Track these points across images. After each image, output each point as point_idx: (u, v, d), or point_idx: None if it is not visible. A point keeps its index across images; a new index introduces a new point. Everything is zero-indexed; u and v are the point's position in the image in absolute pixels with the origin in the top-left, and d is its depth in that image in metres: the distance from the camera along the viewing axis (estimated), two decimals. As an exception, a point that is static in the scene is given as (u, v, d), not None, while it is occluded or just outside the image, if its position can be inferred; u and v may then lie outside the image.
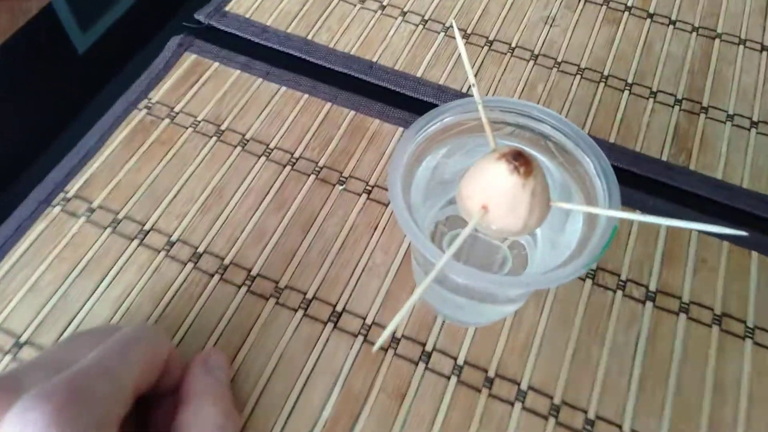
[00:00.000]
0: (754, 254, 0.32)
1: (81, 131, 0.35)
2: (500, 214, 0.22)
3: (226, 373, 0.26)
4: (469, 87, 0.38)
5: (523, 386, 0.28)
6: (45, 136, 0.36)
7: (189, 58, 0.39)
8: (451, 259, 0.20)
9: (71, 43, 0.42)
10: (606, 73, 0.39)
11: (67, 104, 0.38)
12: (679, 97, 0.38)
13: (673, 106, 0.38)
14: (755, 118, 0.38)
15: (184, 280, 0.31)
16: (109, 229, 0.32)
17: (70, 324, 0.29)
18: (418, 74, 0.39)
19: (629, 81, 0.39)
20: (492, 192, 0.21)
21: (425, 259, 0.22)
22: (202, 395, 0.23)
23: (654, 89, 0.39)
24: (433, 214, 0.28)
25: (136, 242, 0.31)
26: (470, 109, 0.25)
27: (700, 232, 0.33)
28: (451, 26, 0.41)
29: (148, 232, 0.32)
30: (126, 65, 0.39)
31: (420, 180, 0.25)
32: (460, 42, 0.23)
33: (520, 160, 0.21)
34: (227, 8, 0.41)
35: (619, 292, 0.31)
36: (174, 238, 0.32)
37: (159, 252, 0.31)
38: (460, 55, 0.39)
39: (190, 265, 0.31)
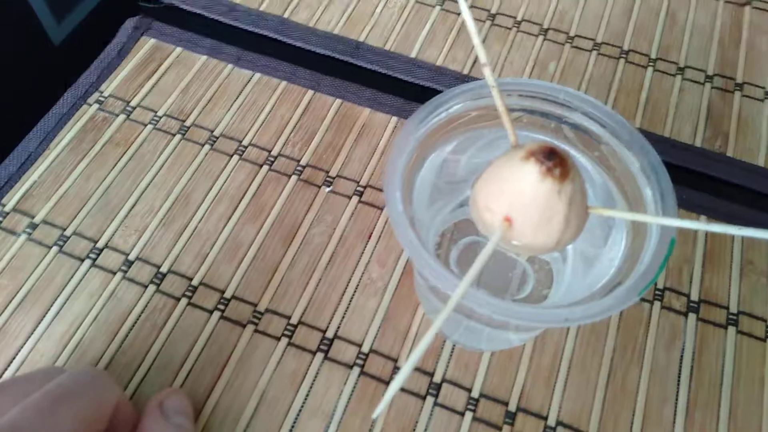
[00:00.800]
0: (808, 253, 0.28)
1: (23, 132, 0.30)
2: (528, 229, 0.17)
3: (188, 419, 0.22)
4: (472, 67, 0.34)
5: (551, 421, 0.24)
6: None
7: (147, 43, 0.33)
8: (472, 287, 0.16)
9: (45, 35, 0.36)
10: (626, 47, 0.35)
11: (8, 99, 0.33)
12: (710, 73, 0.34)
13: (703, 84, 0.33)
14: (796, 95, 0.33)
15: (145, 306, 0.26)
16: (54, 249, 0.27)
17: (8, 366, 0.24)
18: (412, 54, 0.34)
19: (652, 56, 0.34)
20: (518, 201, 0.17)
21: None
22: None
23: (681, 65, 0.34)
24: (440, 220, 0.23)
25: (87, 263, 0.27)
26: (482, 94, 0.20)
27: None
28: (448, -2, 0.36)
29: (102, 250, 0.27)
30: (76, 53, 0.34)
31: (423, 182, 0.20)
32: (465, 9, 0.18)
33: (554, 160, 0.16)
34: (191, -16, 0.36)
35: (657, 303, 0.27)
36: (132, 256, 0.27)
37: (115, 274, 0.26)
38: (459, 30, 0.35)
39: (152, 288, 0.26)
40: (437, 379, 0.25)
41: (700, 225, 0.16)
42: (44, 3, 0.37)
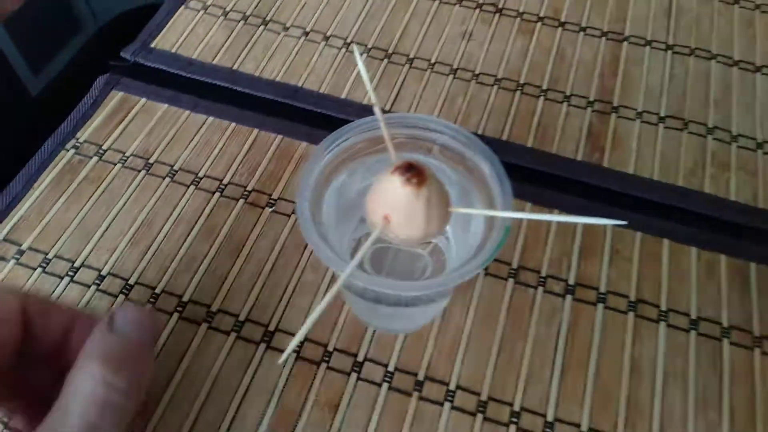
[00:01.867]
0: (666, 241, 0.34)
1: (8, 176, 0.36)
2: (401, 224, 0.23)
3: (142, 330, 0.21)
4: (393, 104, 0.40)
5: (452, 386, 0.29)
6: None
7: (116, 96, 0.39)
8: (358, 269, 0.22)
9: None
10: (522, 81, 0.41)
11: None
12: (591, 99, 0.41)
13: (585, 108, 0.40)
14: (662, 114, 0.40)
15: (117, 313, 0.31)
16: (39, 270, 0.32)
17: None
18: (343, 95, 0.40)
19: (544, 87, 0.41)
20: (391, 204, 0.23)
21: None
22: (92, 354, 0.19)
23: (567, 93, 0.41)
24: (349, 235, 0.29)
25: (66, 280, 0.32)
26: (373, 127, 0.27)
27: (615, 226, 0.35)
28: (354, 50, 0.43)
29: (79, 268, 0.32)
30: (54, 106, 0.39)
31: (330, 201, 0.26)
32: (361, 65, 0.24)
33: (412, 172, 0.22)
34: (153, 44, 0.42)
35: (540, 288, 0.32)
36: (104, 272, 0.32)
37: (89, 287, 0.32)
38: (382, 74, 0.41)
39: (121, 298, 0.31)
40: (360, 358, 0.30)
41: (524, 215, 0.22)
42: (22, 59, 0.43)
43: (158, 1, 0.45)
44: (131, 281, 0.32)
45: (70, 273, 0.32)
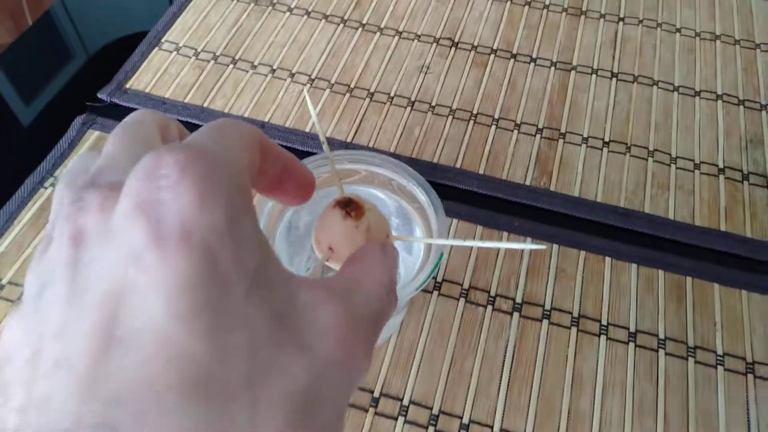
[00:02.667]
0: (608, 260, 0.37)
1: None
2: (343, 253, 0.25)
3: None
4: (354, 136, 0.42)
5: (405, 401, 0.31)
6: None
7: (93, 135, 0.42)
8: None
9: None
10: (475, 111, 0.44)
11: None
12: (540, 126, 0.43)
13: (534, 135, 0.43)
14: (606, 138, 0.43)
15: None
16: (17, 301, 0.34)
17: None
18: (307, 129, 0.43)
19: (496, 117, 0.44)
20: (333, 235, 0.25)
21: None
22: (375, 263, 0.19)
23: (518, 122, 0.43)
24: (304, 265, 0.31)
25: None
26: (322, 163, 0.29)
27: (559, 244, 0.37)
28: (305, 95, 0.45)
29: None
30: (34, 146, 0.42)
31: (282, 235, 0.28)
32: (311, 109, 0.26)
33: (351, 206, 0.24)
34: (128, 85, 0.45)
35: (489, 307, 0.35)
36: (80, 303, 0.34)
37: (66, 318, 0.34)
38: (344, 108, 0.44)
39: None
40: (320, 378, 0.32)
41: (452, 241, 0.25)
42: (14, 91, 0.46)
43: (158, 10, 0.48)
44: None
45: (47, 305, 0.34)
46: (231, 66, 0.46)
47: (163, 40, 0.48)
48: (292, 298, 0.14)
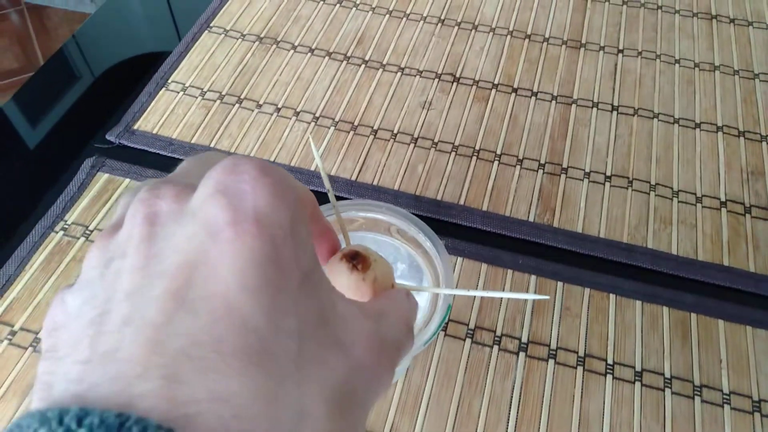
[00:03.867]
0: (612, 296, 0.37)
1: (1, 258, 0.38)
2: None
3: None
4: (359, 174, 0.43)
5: (413, 446, 0.32)
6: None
7: (102, 178, 0.42)
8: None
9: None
10: (477, 147, 0.45)
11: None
12: (542, 161, 0.44)
13: (537, 171, 0.43)
14: (608, 173, 0.43)
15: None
16: (30, 349, 0.35)
17: (-6, 444, 0.31)
18: (312, 168, 0.43)
19: (498, 152, 0.44)
20: (341, 288, 0.25)
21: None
22: (401, 302, 0.20)
23: (520, 157, 0.44)
24: None
25: (55, 358, 0.34)
26: (328, 213, 0.29)
27: (564, 282, 0.37)
28: (311, 143, 0.46)
29: (67, 346, 0.35)
30: (43, 189, 0.43)
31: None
32: (317, 157, 0.27)
33: (357, 259, 0.25)
34: (135, 126, 0.45)
35: (496, 347, 0.35)
36: (91, 349, 0.35)
37: (77, 364, 0.34)
38: (349, 145, 0.44)
39: (106, 373, 0.34)
40: (328, 422, 0.32)
41: (455, 291, 0.25)
42: (29, 126, 0.46)
43: (167, 50, 0.49)
44: (115, 356, 0.34)
45: (59, 351, 0.35)
46: (237, 105, 0.47)
47: (170, 81, 0.49)
48: (334, 305, 0.15)
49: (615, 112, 0.47)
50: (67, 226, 0.40)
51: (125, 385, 0.11)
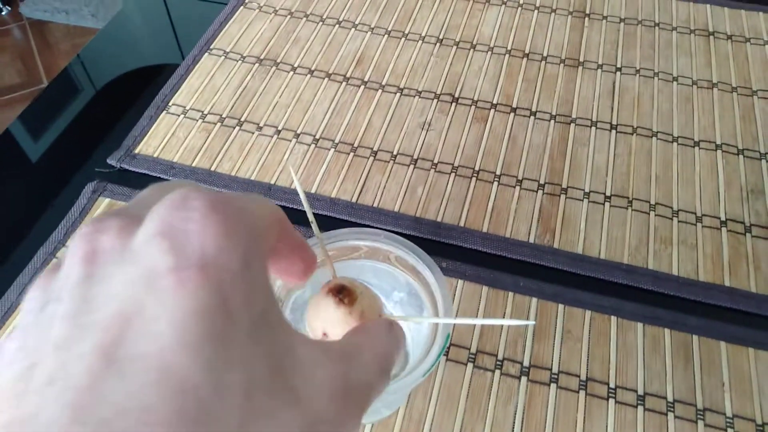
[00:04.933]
0: (614, 319, 0.37)
1: (2, 285, 0.38)
2: (338, 338, 0.26)
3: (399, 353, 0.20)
4: (359, 196, 0.43)
5: (416, 473, 0.31)
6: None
7: (103, 203, 0.43)
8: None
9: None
10: (477, 167, 0.45)
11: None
12: (542, 181, 0.44)
13: (536, 191, 0.43)
14: (608, 193, 0.43)
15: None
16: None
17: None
18: (313, 190, 0.44)
19: (497, 173, 0.44)
20: (327, 323, 0.25)
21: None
22: (378, 338, 0.19)
23: (519, 177, 0.44)
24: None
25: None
26: (315, 244, 0.29)
27: (565, 304, 0.37)
28: (291, 173, 0.46)
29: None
30: (45, 213, 0.43)
31: (288, 310, 0.29)
32: (299, 187, 0.27)
33: (344, 293, 0.25)
34: (136, 150, 0.46)
35: (497, 371, 0.35)
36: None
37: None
38: (349, 167, 0.45)
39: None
40: (330, 449, 0.32)
41: (446, 320, 0.25)
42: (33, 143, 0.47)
43: (170, 63, 0.49)
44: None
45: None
46: (237, 128, 0.47)
47: (170, 104, 0.49)
48: (291, 350, 0.14)
49: (614, 131, 0.47)
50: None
51: None
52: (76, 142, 0.48)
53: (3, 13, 1.86)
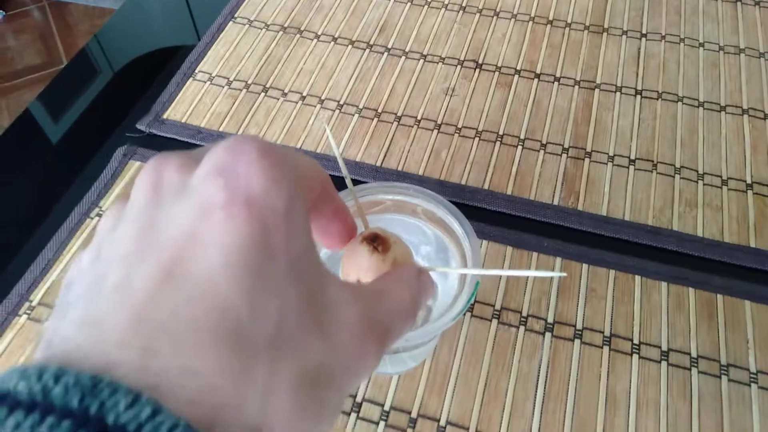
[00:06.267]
0: (638, 278, 0.37)
1: (41, 243, 0.40)
2: None
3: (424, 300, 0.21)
4: (383, 160, 0.44)
5: (442, 422, 0.32)
6: (7, 247, 0.40)
7: (134, 166, 0.44)
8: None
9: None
10: (501, 132, 0.45)
11: (27, 216, 0.43)
12: (566, 145, 0.44)
13: (560, 155, 0.43)
14: (632, 156, 0.43)
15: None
16: (70, 330, 0.36)
17: None
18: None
19: (521, 137, 0.45)
20: (361, 270, 0.26)
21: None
22: (406, 284, 0.20)
23: (543, 141, 0.44)
24: None
25: (95, 338, 0.36)
26: (347, 197, 0.30)
27: (589, 264, 0.38)
28: (327, 131, 0.47)
29: (105, 327, 0.36)
30: (79, 177, 0.44)
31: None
32: (334, 147, 0.28)
33: (377, 241, 0.25)
34: (165, 116, 0.46)
35: (522, 328, 0.35)
36: (128, 330, 0.36)
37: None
38: (373, 132, 0.45)
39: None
40: (359, 399, 0.33)
41: (479, 271, 0.25)
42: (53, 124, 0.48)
43: (185, 44, 0.50)
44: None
45: (98, 332, 0.36)
46: (262, 94, 0.48)
47: (197, 71, 0.49)
48: (323, 288, 0.16)
49: (639, 96, 0.47)
50: (102, 213, 0.41)
51: (106, 351, 0.12)
52: (104, 111, 0.49)
53: (23, -6, 1.88)
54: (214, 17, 0.54)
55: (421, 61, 0.50)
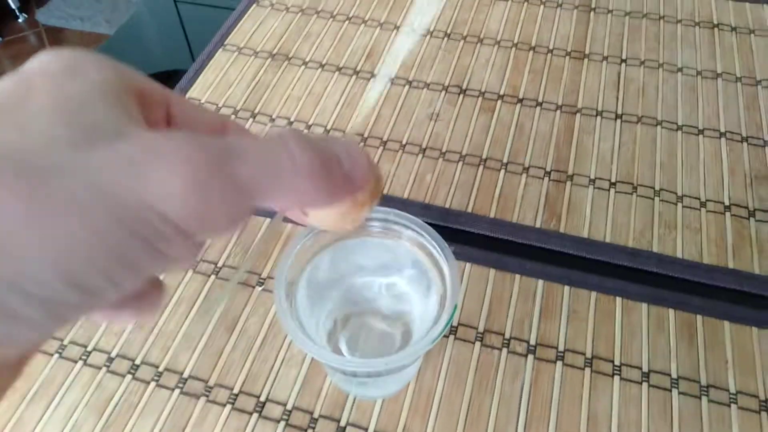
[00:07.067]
0: (618, 300, 0.38)
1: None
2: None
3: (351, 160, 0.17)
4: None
5: (425, 446, 0.32)
6: None
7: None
8: (330, 352, 0.25)
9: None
10: (484, 156, 0.46)
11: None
12: (548, 169, 0.45)
13: (543, 178, 0.44)
14: (613, 179, 0.44)
15: (124, 391, 0.35)
16: (56, 356, 0.36)
17: (23, 446, 0.33)
18: (324, 178, 0.45)
19: (504, 161, 0.45)
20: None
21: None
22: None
23: (526, 165, 0.45)
24: (326, 314, 0.32)
25: (80, 363, 0.36)
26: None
27: (571, 286, 0.38)
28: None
29: (90, 352, 0.36)
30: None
31: (303, 288, 0.30)
32: None
33: None
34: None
35: (504, 350, 0.36)
36: (113, 354, 0.36)
37: (100, 369, 0.35)
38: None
39: (128, 377, 0.35)
40: (343, 423, 0.33)
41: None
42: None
43: (180, 68, 0.51)
44: (137, 361, 0.36)
45: (83, 357, 0.36)
46: (251, 120, 0.49)
47: (186, 97, 0.50)
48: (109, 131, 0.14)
49: (619, 120, 0.48)
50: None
51: None
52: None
53: (20, 20, 1.90)
54: (209, 42, 0.55)
55: (407, 86, 0.51)
